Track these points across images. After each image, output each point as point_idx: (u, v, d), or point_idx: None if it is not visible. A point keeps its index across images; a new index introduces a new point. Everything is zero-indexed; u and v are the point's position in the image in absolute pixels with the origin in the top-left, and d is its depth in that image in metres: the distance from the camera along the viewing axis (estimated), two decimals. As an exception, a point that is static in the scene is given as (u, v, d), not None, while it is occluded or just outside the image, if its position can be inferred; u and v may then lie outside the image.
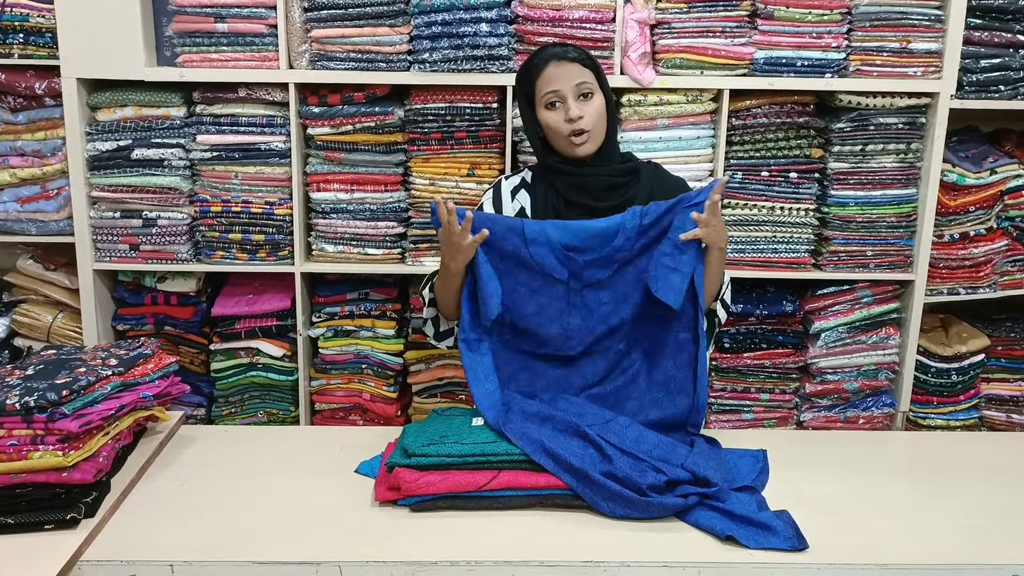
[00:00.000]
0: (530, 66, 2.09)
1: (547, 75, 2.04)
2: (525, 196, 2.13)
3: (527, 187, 2.15)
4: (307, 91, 2.66)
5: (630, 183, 2.10)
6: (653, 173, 2.16)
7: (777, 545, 1.59)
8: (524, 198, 2.13)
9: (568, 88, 2.02)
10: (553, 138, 2.07)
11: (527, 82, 2.09)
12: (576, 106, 2.02)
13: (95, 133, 2.65)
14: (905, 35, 2.62)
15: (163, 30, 2.64)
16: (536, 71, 2.06)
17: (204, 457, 1.93)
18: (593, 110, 2.03)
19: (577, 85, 2.03)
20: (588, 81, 2.04)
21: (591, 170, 2.08)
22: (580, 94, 2.03)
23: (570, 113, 2.01)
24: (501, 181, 2.18)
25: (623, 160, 2.16)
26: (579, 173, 2.07)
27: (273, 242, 2.73)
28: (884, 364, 2.84)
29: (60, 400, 1.66)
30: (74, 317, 2.82)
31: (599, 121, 2.05)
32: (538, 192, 2.12)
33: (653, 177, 2.14)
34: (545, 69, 2.05)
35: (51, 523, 1.60)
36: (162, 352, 2.01)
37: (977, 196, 2.78)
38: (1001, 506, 1.76)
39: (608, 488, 1.67)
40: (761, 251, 2.75)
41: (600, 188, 2.07)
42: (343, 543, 1.61)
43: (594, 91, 2.05)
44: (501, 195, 2.16)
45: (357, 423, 2.85)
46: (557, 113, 2.04)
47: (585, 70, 2.04)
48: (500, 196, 2.16)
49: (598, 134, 2.05)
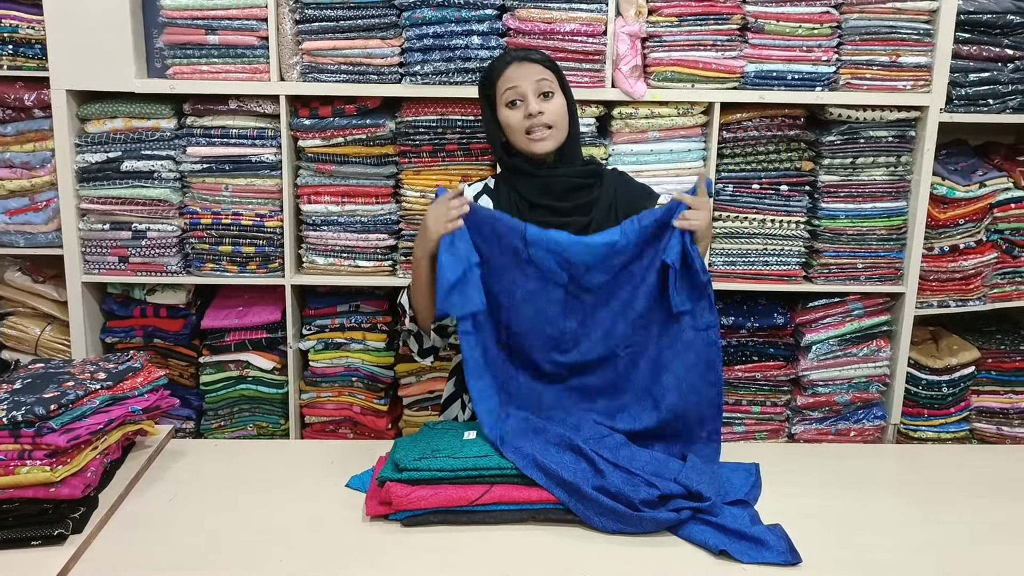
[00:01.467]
0: (491, 68, 2.12)
1: (508, 75, 2.07)
2: (487, 200, 2.13)
3: (489, 192, 2.15)
4: (298, 103, 2.66)
5: (593, 185, 2.11)
6: (617, 177, 2.18)
7: (770, 559, 1.59)
8: (486, 202, 2.13)
9: (528, 86, 2.05)
10: (514, 137, 2.08)
11: (488, 84, 2.12)
12: (536, 103, 2.04)
13: (84, 145, 2.64)
14: (895, 49, 2.63)
15: (154, 42, 2.63)
16: (497, 72, 2.09)
17: (193, 471, 1.91)
18: (554, 108, 2.05)
19: (537, 82, 2.05)
20: (549, 79, 2.07)
21: (552, 171, 2.09)
22: (541, 92, 2.05)
23: (530, 108, 2.03)
24: (464, 188, 2.17)
25: (586, 163, 2.18)
26: (541, 174, 2.08)
27: (263, 254, 2.72)
28: (875, 377, 2.85)
29: (48, 414, 1.64)
30: (62, 330, 2.80)
31: (560, 119, 2.06)
32: (500, 195, 2.13)
33: (617, 181, 2.15)
34: (506, 70, 2.08)
35: (38, 539, 1.58)
36: (151, 365, 1.99)
37: (967, 209, 2.80)
38: (993, 520, 1.76)
39: (600, 503, 1.66)
40: (752, 263, 2.75)
41: (562, 189, 2.08)
42: (334, 558, 1.60)
43: (555, 91, 2.07)
44: None
45: (348, 436, 2.84)
46: (517, 111, 2.06)
47: (546, 70, 2.07)
48: None
49: (559, 132, 2.07)
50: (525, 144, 2.07)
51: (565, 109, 2.08)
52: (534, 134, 2.05)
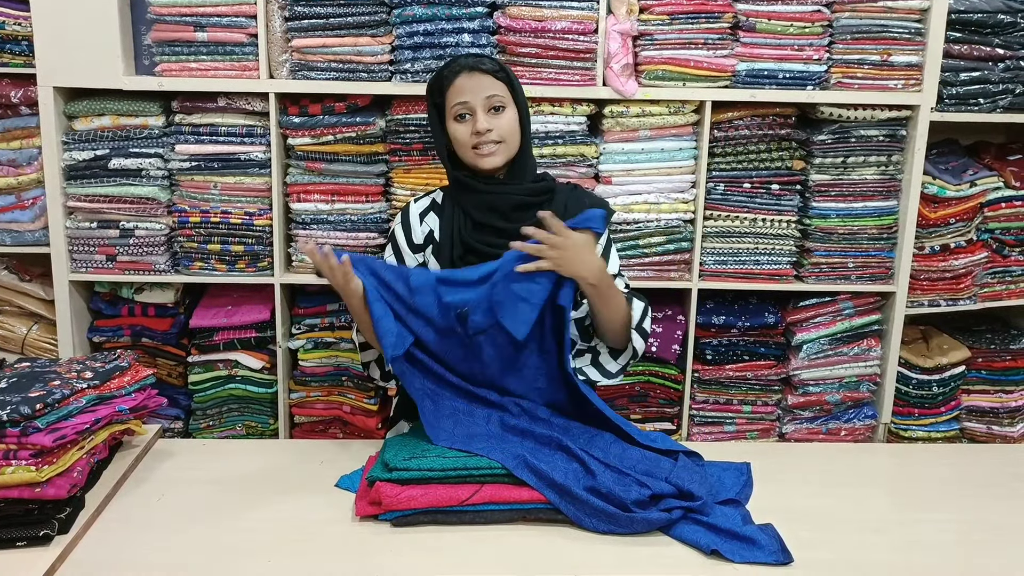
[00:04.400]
0: (440, 76, 2.04)
1: (457, 86, 1.99)
2: (434, 218, 2.09)
3: (436, 208, 2.10)
4: (287, 101, 2.64)
5: (543, 203, 2.02)
6: (570, 193, 2.09)
7: (762, 559, 1.58)
8: (433, 220, 2.08)
9: (478, 100, 1.97)
10: (461, 151, 2.02)
11: (437, 93, 2.04)
12: (485, 119, 1.97)
13: (72, 142, 2.62)
14: (886, 48, 2.64)
15: (142, 39, 2.62)
16: (447, 82, 2.01)
17: (181, 471, 1.90)
18: (504, 123, 1.98)
19: (488, 98, 1.98)
20: (499, 94, 1.99)
21: (501, 187, 2.02)
22: (491, 107, 1.98)
23: (477, 126, 1.96)
24: (410, 204, 2.13)
25: (537, 179, 2.09)
26: (488, 191, 2.02)
27: (252, 253, 2.70)
28: (866, 376, 2.85)
29: (33, 414, 1.62)
30: (49, 329, 2.78)
31: (510, 134, 1.99)
32: (446, 213, 2.07)
33: (569, 197, 2.07)
34: (456, 80, 2.00)
35: (24, 540, 1.57)
36: (139, 364, 1.98)
37: (957, 208, 2.80)
38: (983, 519, 1.76)
39: (591, 504, 1.66)
40: (743, 263, 2.75)
41: (510, 207, 2.00)
42: (323, 559, 1.59)
43: (506, 104, 2.00)
44: (410, 218, 2.11)
45: (337, 436, 2.82)
46: (465, 126, 1.99)
47: (498, 83, 2.00)
48: (408, 219, 2.11)
49: (509, 147, 1.99)
50: (472, 159, 2.00)
51: (516, 123, 2.01)
52: (481, 149, 1.98)
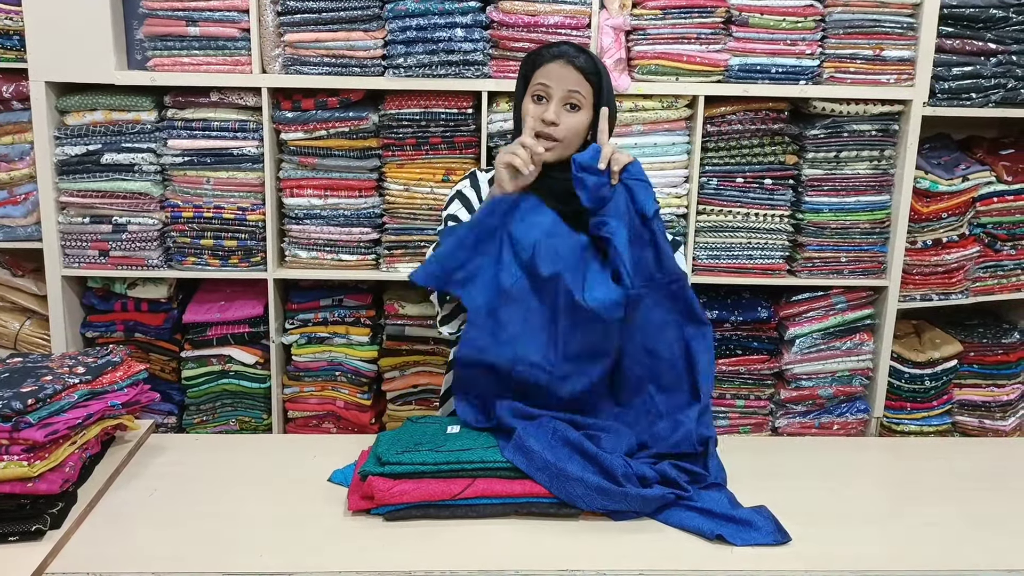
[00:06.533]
0: (538, 54, 2.01)
1: (547, 69, 1.96)
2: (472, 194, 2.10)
3: (476, 186, 2.11)
4: (280, 96, 2.64)
5: None
6: None
7: (760, 540, 1.61)
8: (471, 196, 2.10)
9: (558, 90, 1.94)
10: (523, 127, 1.99)
11: (528, 66, 2.01)
12: (556, 111, 1.94)
13: (64, 137, 2.61)
14: (878, 43, 2.64)
15: (134, 33, 2.61)
16: (540, 60, 1.98)
17: (174, 466, 1.89)
18: (572, 123, 1.95)
19: (568, 92, 1.94)
20: (581, 93, 1.95)
21: (559, 173, 1.99)
22: (568, 102, 1.95)
23: (547, 114, 1.94)
24: (476, 171, 2.14)
25: None
26: (547, 175, 1.99)
27: (246, 248, 2.70)
28: (858, 370, 2.86)
29: (25, 409, 1.62)
30: (42, 324, 2.78)
31: (572, 137, 1.96)
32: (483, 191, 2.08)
33: None
34: (548, 64, 1.96)
35: (15, 535, 1.56)
36: (131, 359, 1.98)
37: (949, 203, 2.81)
38: (975, 512, 1.77)
39: (584, 480, 1.66)
40: (736, 257, 2.75)
41: (569, 192, 1.97)
42: (316, 553, 1.58)
43: (582, 106, 1.96)
44: (479, 183, 2.11)
45: (331, 431, 2.83)
46: (538, 107, 1.96)
47: (585, 82, 1.95)
48: (478, 184, 2.11)
49: (564, 148, 1.96)
50: None
51: (584, 127, 1.98)
52: (539, 139, 1.96)
